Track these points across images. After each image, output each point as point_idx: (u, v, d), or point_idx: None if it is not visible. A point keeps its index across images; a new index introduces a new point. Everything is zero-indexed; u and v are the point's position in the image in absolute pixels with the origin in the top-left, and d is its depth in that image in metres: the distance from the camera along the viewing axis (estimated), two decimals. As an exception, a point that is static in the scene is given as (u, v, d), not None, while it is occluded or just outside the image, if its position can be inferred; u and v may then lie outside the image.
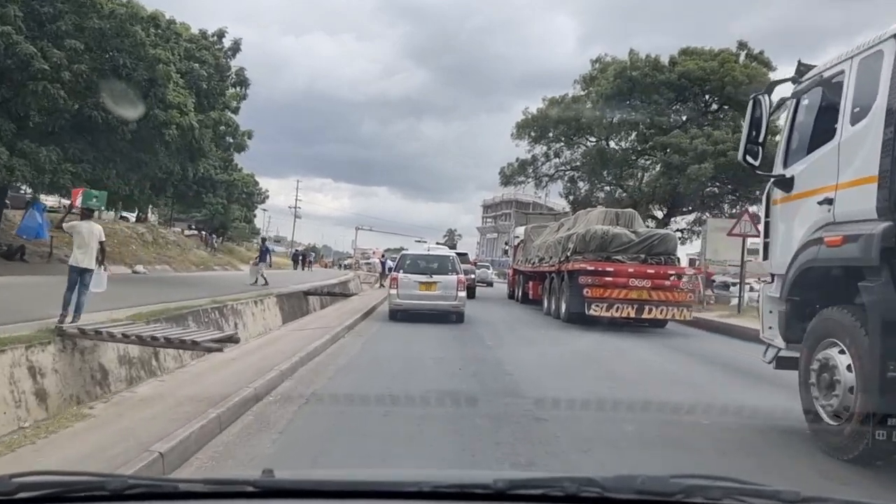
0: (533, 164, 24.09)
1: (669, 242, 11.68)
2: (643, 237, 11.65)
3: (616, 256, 11.48)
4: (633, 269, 11.01)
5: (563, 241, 13.05)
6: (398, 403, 4.66)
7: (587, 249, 11.64)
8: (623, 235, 11.70)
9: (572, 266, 11.66)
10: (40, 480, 1.05)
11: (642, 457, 3.59)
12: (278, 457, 3.36)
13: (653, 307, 10.72)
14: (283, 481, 1.14)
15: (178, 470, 3.11)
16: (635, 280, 10.85)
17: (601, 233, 11.63)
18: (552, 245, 14.07)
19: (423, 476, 1.16)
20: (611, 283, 10.89)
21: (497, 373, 6.20)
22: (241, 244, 52.92)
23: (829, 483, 3.21)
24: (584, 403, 4.84)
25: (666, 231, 13.29)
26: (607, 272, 10.97)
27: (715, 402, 5.04)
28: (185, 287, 12.90)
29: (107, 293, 6.60)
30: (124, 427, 3.61)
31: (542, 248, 15.32)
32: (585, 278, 10.99)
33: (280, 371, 5.41)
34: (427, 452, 3.55)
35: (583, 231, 11.96)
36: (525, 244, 17.83)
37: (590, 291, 10.92)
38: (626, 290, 10.86)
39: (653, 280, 10.84)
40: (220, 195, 28.34)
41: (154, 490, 1.07)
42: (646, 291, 10.87)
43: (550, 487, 1.09)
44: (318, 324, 9.68)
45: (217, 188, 26.78)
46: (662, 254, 11.49)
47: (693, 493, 1.05)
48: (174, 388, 4.76)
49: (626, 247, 11.56)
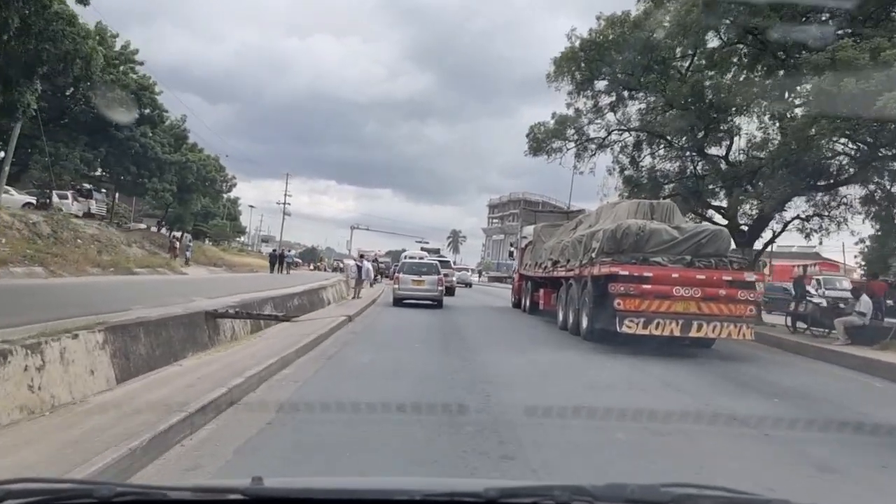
0: (576, 121, 18.01)
1: (721, 241, 10.50)
2: (689, 234, 10.46)
3: (655, 258, 10.27)
4: (678, 273, 9.81)
5: (586, 239, 11.86)
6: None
7: (618, 249, 10.44)
8: (663, 232, 10.51)
9: (599, 270, 10.47)
10: (28, 488, 1.17)
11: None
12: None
13: (703, 323, 9.53)
14: (272, 489, 1.25)
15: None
16: (681, 288, 9.66)
17: (636, 229, 10.43)
18: (570, 245, 12.90)
19: (413, 484, 1.31)
20: (650, 291, 9.69)
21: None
22: (220, 244, 51.43)
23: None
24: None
25: (716, 227, 12.09)
26: (645, 278, 9.77)
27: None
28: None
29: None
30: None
31: (555, 250, 14.19)
32: (617, 286, 9.79)
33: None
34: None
35: (612, 227, 10.75)
36: (534, 245, 16.78)
37: (623, 303, 9.72)
38: (670, 302, 9.67)
39: (704, 288, 9.66)
40: (169, 180, 26.79)
41: (142, 497, 1.19)
42: (694, 303, 9.68)
43: (541, 496, 1.20)
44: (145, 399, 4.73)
45: (164, 171, 25.33)
46: (713, 255, 10.30)
47: (683, 502, 1.19)
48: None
49: (668, 246, 10.36)
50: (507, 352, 9.64)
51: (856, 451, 4.70)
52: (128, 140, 22.54)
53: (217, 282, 18.81)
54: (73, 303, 8.44)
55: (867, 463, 4.35)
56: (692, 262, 10.17)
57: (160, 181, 25.25)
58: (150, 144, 23.52)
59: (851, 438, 5.15)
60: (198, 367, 6.32)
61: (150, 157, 23.47)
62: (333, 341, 9.27)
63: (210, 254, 36.11)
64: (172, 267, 21.07)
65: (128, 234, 25.02)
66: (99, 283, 14.13)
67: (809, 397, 7.10)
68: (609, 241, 10.56)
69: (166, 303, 9.12)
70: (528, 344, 10.98)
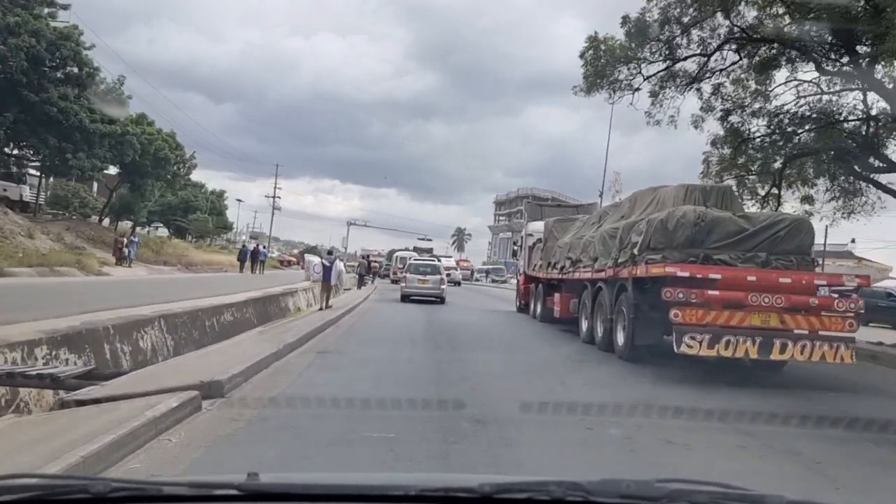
0: (662, 28, 12.33)
1: (804, 234, 8.76)
2: (762, 225, 8.71)
3: (719, 256, 8.55)
4: (754, 276, 8.10)
5: (621, 232, 10.08)
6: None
7: (670, 244, 8.65)
8: (729, 222, 8.76)
9: (646, 271, 8.68)
10: (22, 483, 1.22)
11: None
12: None
13: (787, 342, 7.77)
14: (268, 484, 1.28)
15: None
16: (759, 295, 7.92)
17: (694, 217, 8.63)
18: (597, 241, 11.12)
19: (409, 480, 1.37)
20: (718, 299, 7.94)
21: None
22: (203, 240, 48.40)
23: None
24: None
25: (797, 215, 10.41)
26: (712, 281, 8.00)
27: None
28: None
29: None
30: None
31: (575, 247, 12.43)
32: (674, 291, 7.99)
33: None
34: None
35: (662, 216, 8.98)
36: (546, 243, 15.17)
37: (681, 314, 7.93)
38: (744, 313, 7.92)
39: (789, 296, 7.95)
40: (101, 156, 23.89)
41: (138, 493, 1.23)
42: (776, 315, 7.94)
43: (536, 491, 1.25)
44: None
45: (94, 144, 22.36)
46: (794, 252, 8.60)
47: (678, 497, 1.23)
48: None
49: (735, 240, 8.59)
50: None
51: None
52: (43, 104, 19.53)
53: (134, 286, 16.03)
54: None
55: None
56: (767, 261, 8.46)
57: (88, 157, 22.22)
58: (73, 110, 20.60)
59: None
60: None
61: (72, 125, 20.50)
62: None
63: (172, 250, 33.75)
64: (87, 265, 18.31)
65: (43, 225, 22.26)
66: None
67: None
68: (658, 234, 8.78)
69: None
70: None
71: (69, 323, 6.70)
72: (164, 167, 30.56)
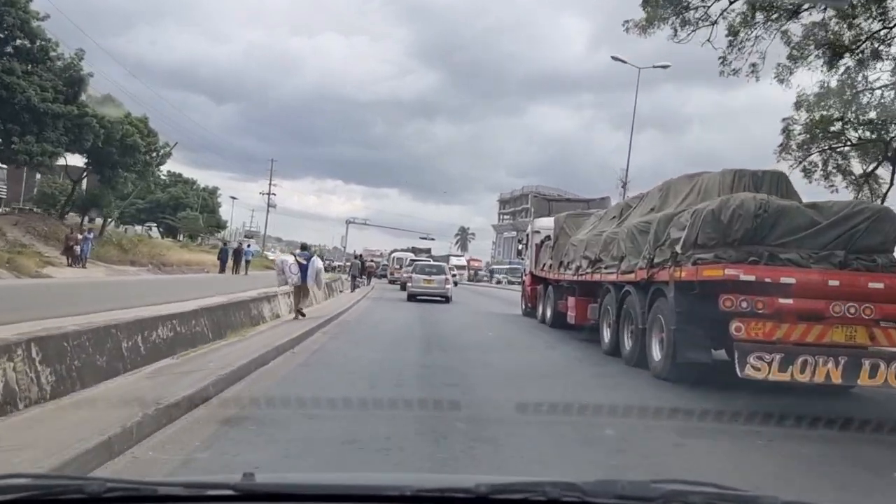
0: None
1: (890, 228, 7.36)
2: (838, 216, 7.23)
3: (786, 255, 7.12)
4: (838, 280, 6.67)
5: (656, 227, 8.62)
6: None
7: (725, 241, 7.15)
8: (797, 212, 7.32)
9: (694, 274, 7.24)
10: (16, 483, 1.22)
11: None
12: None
13: (880, 362, 6.39)
14: (264, 485, 1.31)
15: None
16: (842, 305, 6.52)
17: (755, 207, 7.17)
18: (623, 237, 9.69)
19: (405, 480, 1.38)
20: (792, 309, 6.52)
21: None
22: (195, 239, 46.57)
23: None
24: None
25: (879, 205, 8.96)
26: (783, 287, 6.58)
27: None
28: None
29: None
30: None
31: (593, 245, 11.02)
32: (735, 299, 6.57)
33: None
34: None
35: (714, 205, 7.49)
36: (556, 240, 13.87)
37: (745, 327, 6.50)
38: (825, 326, 6.52)
39: (880, 305, 6.55)
40: (54, 140, 21.98)
41: (133, 493, 1.24)
42: (864, 329, 6.55)
43: (532, 492, 1.27)
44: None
45: (45, 126, 20.38)
46: (878, 250, 7.17)
47: (673, 498, 1.25)
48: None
49: (804, 235, 7.18)
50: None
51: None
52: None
53: (66, 292, 14.13)
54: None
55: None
56: (846, 261, 7.04)
57: (37, 141, 20.25)
58: (21, 86, 18.67)
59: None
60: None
61: (19, 104, 18.53)
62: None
63: (148, 249, 31.95)
64: (20, 266, 16.51)
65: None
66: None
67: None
68: (708, 228, 7.30)
69: None
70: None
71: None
72: (133, 155, 28.52)
